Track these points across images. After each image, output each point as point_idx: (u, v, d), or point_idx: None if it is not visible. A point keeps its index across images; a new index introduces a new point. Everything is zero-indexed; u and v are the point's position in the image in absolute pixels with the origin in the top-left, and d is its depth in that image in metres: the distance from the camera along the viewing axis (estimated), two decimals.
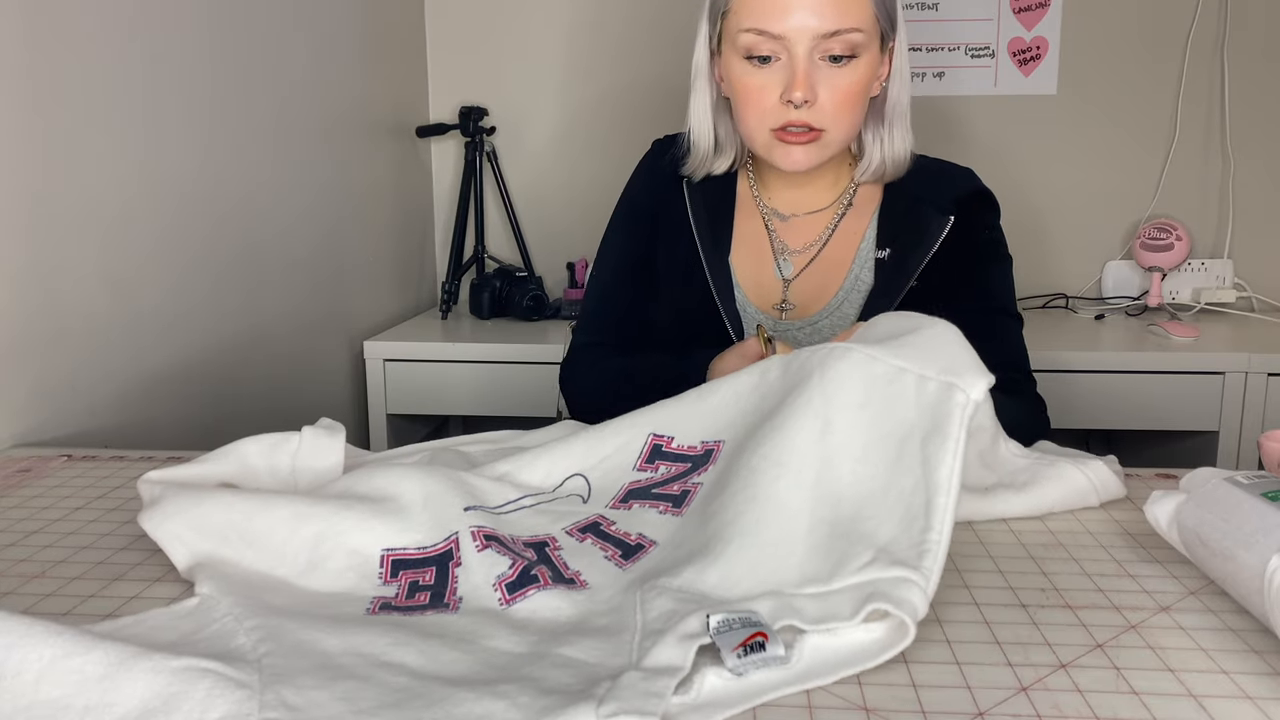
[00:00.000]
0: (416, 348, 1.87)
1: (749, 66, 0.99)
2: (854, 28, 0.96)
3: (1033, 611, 0.61)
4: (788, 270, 1.11)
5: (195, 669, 0.51)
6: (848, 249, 1.10)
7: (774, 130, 1.00)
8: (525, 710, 0.49)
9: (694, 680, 0.51)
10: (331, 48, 1.77)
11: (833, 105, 0.99)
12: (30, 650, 0.49)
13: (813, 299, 1.10)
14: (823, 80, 0.98)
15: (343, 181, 1.82)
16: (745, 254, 1.12)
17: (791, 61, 0.97)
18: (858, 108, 1.01)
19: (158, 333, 1.27)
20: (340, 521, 0.66)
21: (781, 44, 0.97)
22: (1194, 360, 1.73)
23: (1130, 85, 2.11)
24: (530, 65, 2.23)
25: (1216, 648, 0.56)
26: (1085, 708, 0.50)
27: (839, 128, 1.00)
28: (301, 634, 0.57)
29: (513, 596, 0.61)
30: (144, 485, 0.73)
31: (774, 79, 0.98)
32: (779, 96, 0.98)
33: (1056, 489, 0.76)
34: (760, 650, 0.52)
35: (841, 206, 1.11)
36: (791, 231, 1.12)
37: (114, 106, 1.19)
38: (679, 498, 0.71)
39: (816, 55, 0.97)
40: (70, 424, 1.12)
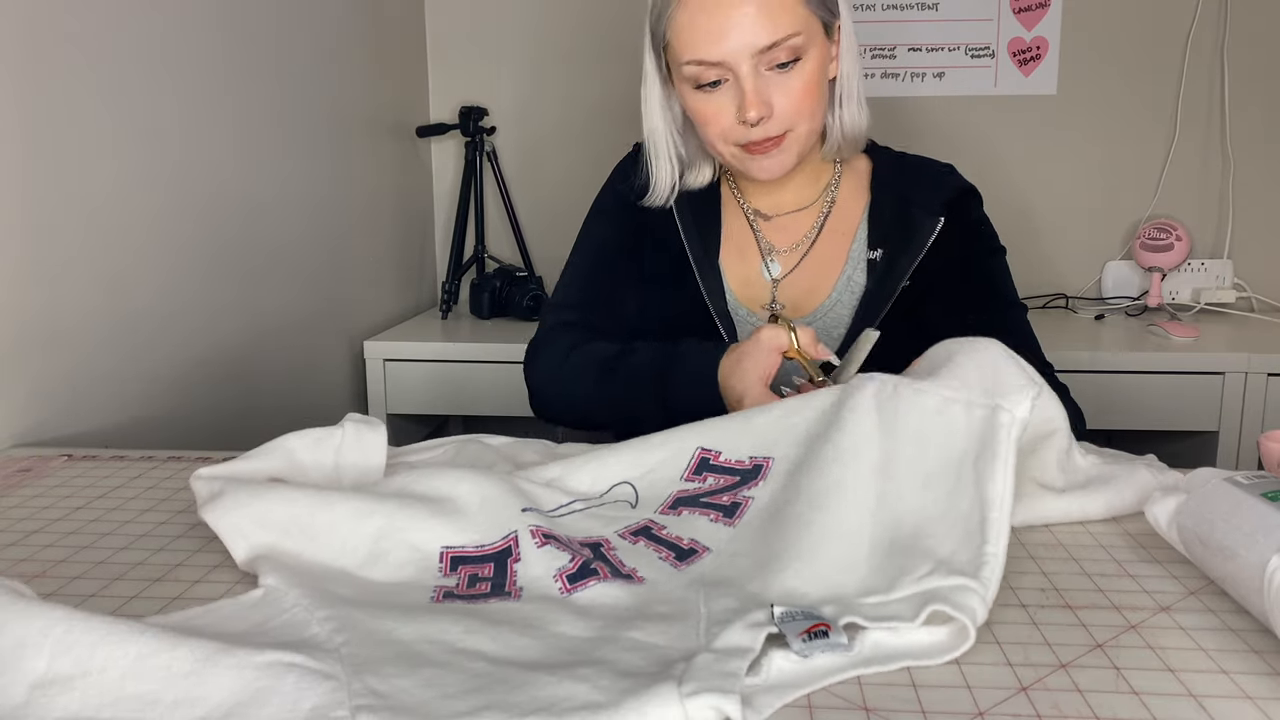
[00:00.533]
0: (416, 348, 1.87)
1: (699, 94, 1.00)
2: (790, 34, 0.96)
3: (1033, 611, 0.61)
4: (775, 270, 1.11)
5: (280, 663, 0.51)
6: (838, 249, 1.10)
7: (739, 146, 1.01)
8: (606, 692, 0.49)
9: (762, 663, 0.53)
10: (332, 48, 1.77)
11: (791, 107, 0.99)
12: (115, 647, 0.50)
13: (803, 299, 1.09)
14: (775, 89, 0.98)
15: (343, 181, 1.82)
16: (732, 254, 1.12)
17: (738, 81, 0.97)
18: (815, 100, 1.01)
19: (158, 333, 1.27)
20: (401, 518, 0.68)
21: (724, 68, 0.97)
22: (1194, 360, 1.73)
23: (1130, 85, 2.11)
24: (530, 65, 2.23)
25: (1216, 648, 0.56)
26: (1085, 708, 0.50)
27: (803, 124, 1.01)
28: (373, 623, 0.57)
29: (573, 586, 0.63)
30: (198, 482, 0.74)
31: (727, 101, 0.99)
32: (734, 117, 0.99)
33: (1132, 491, 0.75)
34: (824, 637, 0.54)
35: (826, 204, 1.11)
36: (776, 231, 1.12)
37: (114, 106, 1.19)
38: (730, 508, 0.72)
39: (762, 68, 0.97)
40: (70, 424, 1.12)
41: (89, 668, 0.49)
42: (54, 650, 0.49)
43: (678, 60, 1.00)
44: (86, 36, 1.14)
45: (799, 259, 1.10)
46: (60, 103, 1.10)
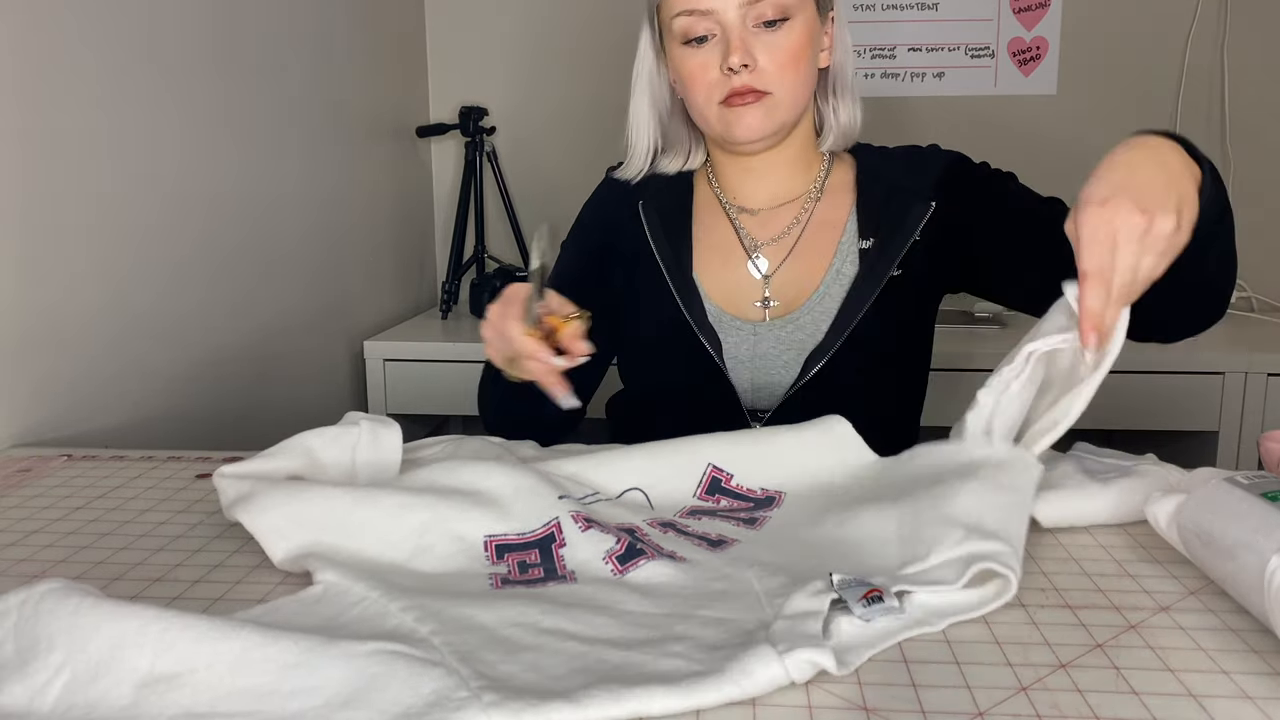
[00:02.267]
0: (416, 348, 1.87)
1: (688, 50, 1.01)
2: None
3: (1033, 611, 0.61)
4: (764, 266, 1.09)
5: (385, 651, 0.51)
6: (827, 241, 1.08)
7: (721, 102, 1.01)
8: (703, 662, 0.52)
9: (830, 629, 0.56)
10: (332, 48, 1.77)
11: (775, 67, 1.00)
12: (218, 643, 0.50)
13: (795, 293, 1.08)
14: (760, 45, 0.99)
15: (343, 181, 1.82)
16: (712, 261, 1.10)
17: (725, 33, 0.99)
18: (801, 69, 1.01)
19: (158, 333, 1.27)
20: (442, 509, 0.69)
21: (713, 19, 0.99)
22: (1194, 360, 1.73)
23: (1130, 85, 2.11)
24: (530, 65, 2.23)
25: (1216, 648, 0.56)
26: (1085, 708, 0.50)
27: (785, 87, 1.01)
28: (453, 611, 0.58)
29: (625, 567, 0.64)
30: (223, 481, 0.74)
31: (713, 55, 1.00)
32: (719, 69, 1.00)
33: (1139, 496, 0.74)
34: (879, 602, 0.57)
35: (814, 194, 1.10)
36: (761, 225, 1.10)
37: (114, 107, 1.19)
38: (749, 520, 0.74)
39: (750, 23, 0.99)
40: (70, 424, 1.12)
41: (195, 664, 0.50)
42: (155, 649, 0.50)
43: (669, 16, 1.01)
44: (87, 37, 1.14)
45: (786, 252, 1.09)
46: (60, 103, 1.10)
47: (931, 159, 1.10)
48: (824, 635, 0.55)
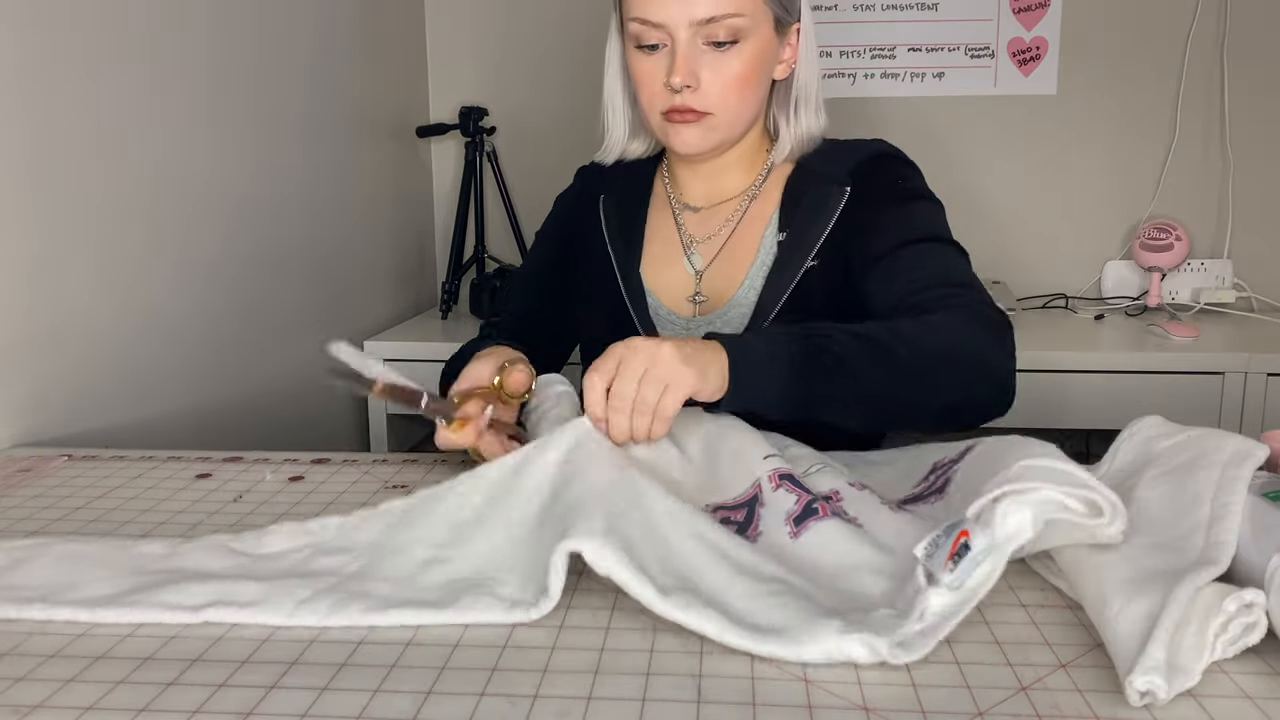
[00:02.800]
0: (416, 348, 1.87)
1: (640, 55, 1.01)
2: (732, 13, 0.97)
3: (1032, 611, 0.61)
4: (698, 262, 1.10)
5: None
6: (753, 234, 1.08)
7: (663, 113, 1.02)
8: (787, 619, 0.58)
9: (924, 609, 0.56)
10: (331, 48, 1.77)
11: (718, 89, 0.99)
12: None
13: (723, 288, 1.08)
14: (706, 65, 0.99)
15: (343, 181, 1.82)
16: (656, 253, 1.12)
17: (674, 47, 0.99)
18: (747, 91, 1.01)
19: (158, 333, 1.27)
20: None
21: (664, 31, 0.98)
22: (1194, 360, 1.73)
23: (1130, 85, 2.11)
24: (530, 65, 2.23)
25: None
26: (1085, 708, 0.50)
27: (726, 110, 1.01)
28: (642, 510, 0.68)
29: (798, 530, 0.69)
30: None
31: (660, 65, 1.00)
32: (663, 82, 1.00)
33: None
34: (967, 551, 0.57)
35: (751, 193, 1.10)
36: (700, 223, 1.11)
37: (114, 107, 1.19)
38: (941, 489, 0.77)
39: (700, 40, 0.98)
40: (70, 424, 1.12)
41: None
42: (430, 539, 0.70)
43: (626, 16, 1.02)
44: (87, 37, 1.14)
45: (718, 248, 1.10)
46: (60, 104, 1.10)
47: (862, 147, 1.08)
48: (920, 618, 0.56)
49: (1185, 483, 0.64)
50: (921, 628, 0.55)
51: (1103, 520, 0.58)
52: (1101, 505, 0.58)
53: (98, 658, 0.57)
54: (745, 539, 0.69)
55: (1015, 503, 0.58)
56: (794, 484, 0.73)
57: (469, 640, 0.58)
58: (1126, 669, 0.50)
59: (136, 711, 0.51)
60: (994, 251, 2.10)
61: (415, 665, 0.56)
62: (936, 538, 0.58)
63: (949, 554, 0.57)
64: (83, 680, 0.54)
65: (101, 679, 0.54)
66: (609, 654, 0.57)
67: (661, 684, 0.53)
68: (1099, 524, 0.59)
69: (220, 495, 0.85)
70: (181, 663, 0.56)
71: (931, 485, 0.77)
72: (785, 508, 0.71)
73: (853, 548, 0.66)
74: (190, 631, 0.60)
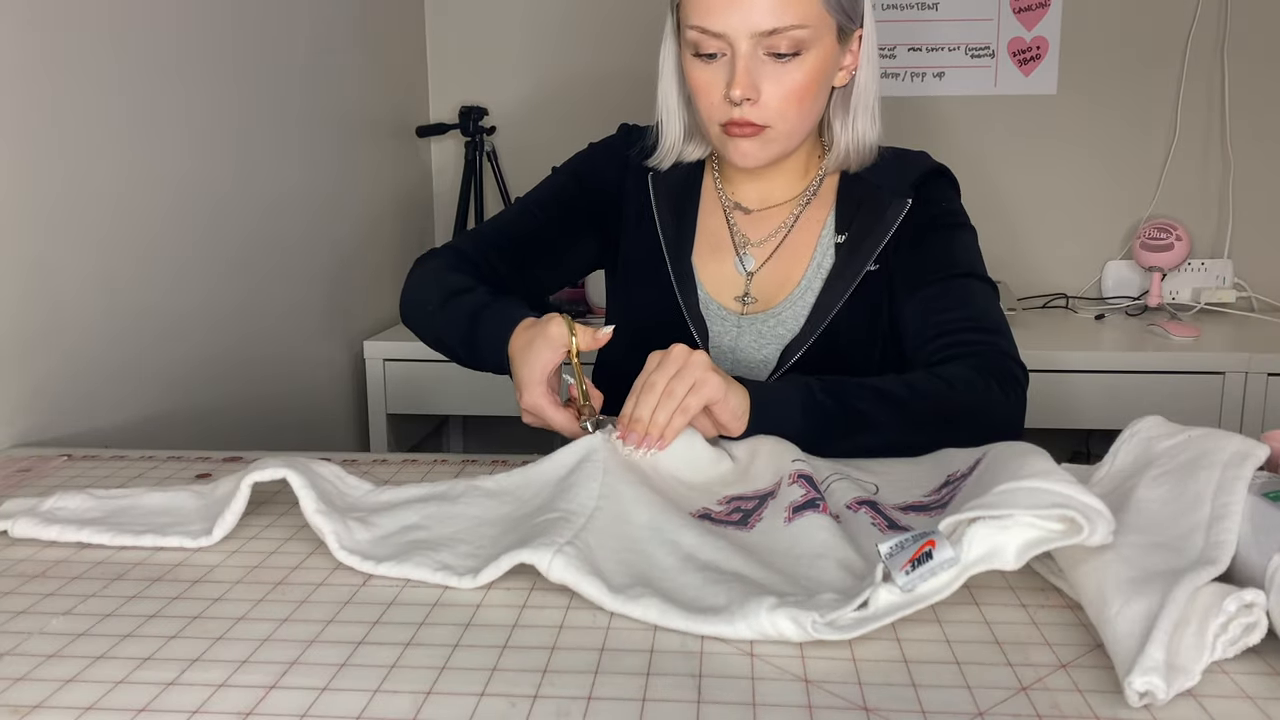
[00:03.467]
0: (417, 348, 1.86)
1: (697, 62, 1.00)
2: (796, 24, 0.95)
3: (1033, 611, 0.61)
4: (749, 264, 1.10)
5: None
6: (809, 237, 1.09)
7: (721, 125, 1.00)
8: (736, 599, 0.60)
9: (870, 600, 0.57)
10: (331, 48, 1.77)
11: (778, 101, 0.98)
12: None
13: (775, 290, 1.09)
14: (767, 77, 0.97)
15: (343, 181, 1.82)
16: (706, 250, 1.12)
17: (734, 58, 0.97)
18: (806, 102, 1.00)
19: (158, 333, 1.27)
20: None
21: (724, 41, 0.97)
22: (1194, 360, 1.73)
23: (1130, 85, 2.11)
24: (530, 65, 2.23)
25: None
26: (1085, 708, 0.50)
27: (785, 123, 1.00)
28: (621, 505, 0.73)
29: (794, 516, 0.72)
30: None
31: (719, 75, 0.98)
32: (722, 93, 0.98)
33: None
34: (928, 560, 0.57)
35: (805, 198, 1.11)
36: (753, 225, 1.11)
37: (114, 107, 1.19)
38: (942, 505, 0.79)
39: (761, 52, 0.96)
40: (70, 424, 1.12)
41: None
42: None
43: (685, 23, 0.99)
44: (87, 36, 1.14)
45: (772, 250, 1.10)
46: (61, 103, 1.10)
47: (917, 161, 1.10)
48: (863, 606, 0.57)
49: (1185, 483, 0.64)
50: (858, 615, 0.57)
51: (1083, 535, 0.58)
52: (1079, 522, 0.58)
53: (98, 657, 0.57)
54: (739, 529, 0.72)
55: (989, 526, 0.58)
56: (809, 484, 0.76)
57: (469, 640, 0.58)
58: (1125, 669, 0.50)
59: (136, 711, 0.51)
60: (994, 251, 2.09)
61: (415, 665, 0.56)
62: (903, 540, 0.59)
63: (910, 558, 0.57)
64: (82, 680, 0.54)
65: (101, 678, 0.54)
66: (609, 654, 0.57)
67: (661, 684, 0.53)
68: (1080, 539, 0.58)
69: None
70: (182, 662, 0.56)
71: (940, 499, 0.78)
72: (791, 498, 0.74)
73: (832, 542, 0.68)
74: (191, 631, 0.60)
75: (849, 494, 0.78)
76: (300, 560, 0.70)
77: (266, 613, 0.62)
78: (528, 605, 0.63)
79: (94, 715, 0.51)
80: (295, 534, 0.75)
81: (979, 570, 0.58)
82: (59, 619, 0.62)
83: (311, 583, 0.67)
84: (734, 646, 0.57)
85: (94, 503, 0.78)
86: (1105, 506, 0.59)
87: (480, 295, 1.02)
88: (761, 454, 0.84)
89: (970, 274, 1.06)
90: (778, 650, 0.57)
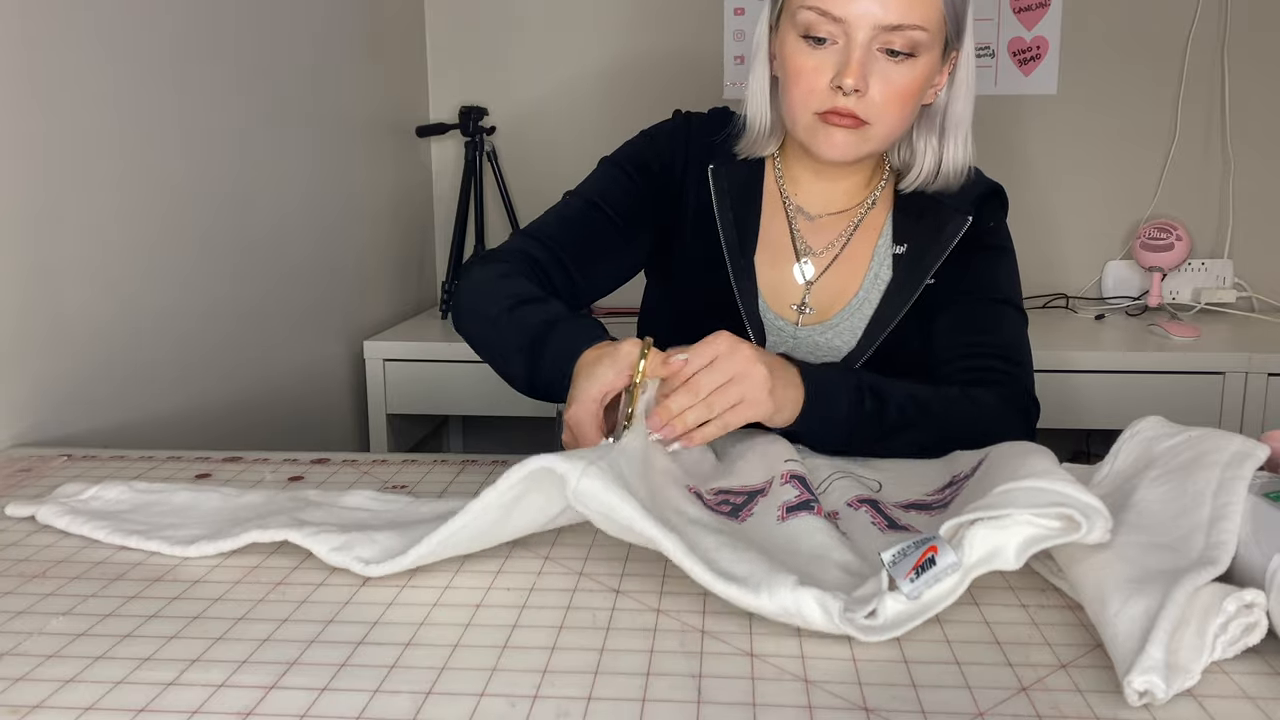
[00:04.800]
0: (416, 348, 1.87)
1: (804, 45, 0.96)
2: (918, 25, 0.93)
3: (1033, 612, 0.61)
4: (809, 272, 1.08)
5: None
6: (865, 247, 1.08)
7: (818, 113, 0.97)
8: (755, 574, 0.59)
9: (879, 609, 0.57)
10: (331, 47, 1.77)
11: (883, 99, 0.95)
12: None
13: (832, 300, 1.08)
14: (877, 72, 0.95)
15: (343, 181, 1.82)
16: (766, 254, 1.09)
17: (849, 47, 0.94)
18: (908, 107, 0.98)
19: (157, 333, 1.27)
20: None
21: (841, 28, 0.94)
22: (1194, 360, 1.73)
23: (1130, 85, 2.11)
24: (530, 65, 2.23)
25: None
26: (1085, 708, 0.50)
27: (885, 123, 0.97)
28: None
29: (787, 515, 0.71)
30: None
31: (828, 61, 0.95)
32: (829, 80, 0.95)
33: None
34: (931, 566, 0.57)
35: (865, 207, 1.09)
36: (815, 232, 1.09)
37: (114, 107, 1.19)
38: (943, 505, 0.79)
39: (875, 46, 0.94)
40: (70, 424, 1.12)
41: None
42: None
43: (798, 3, 0.95)
44: (86, 36, 1.14)
45: (831, 260, 1.08)
46: (61, 103, 1.10)
47: (978, 177, 1.08)
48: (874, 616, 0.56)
49: (1185, 483, 0.64)
50: (871, 624, 0.56)
51: (1080, 532, 0.58)
52: (1077, 519, 0.58)
53: (97, 657, 0.57)
54: (731, 519, 0.72)
55: (989, 527, 0.59)
56: (802, 485, 0.75)
57: (469, 640, 0.58)
58: (1125, 669, 0.50)
59: (136, 711, 0.51)
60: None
61: (415, 665, 0.56)
62: (905, 547, 0.59)
63: (914, 564, 0.57)
64: (82, 680, 0.54)
65: (101, 679, 0.54)
66: (609, 654, 0.57)
67: (661, 684, 0.53)
68: (1078, 537, 0.58)
69: None
70: (181, 663, 0.56)
71: (943, 499, 0.78)
72: (784, 498, 0.73)
73: (830, 544, 0.67)
74: (190, 631, 0.60)
75: (850, 492, 0.78)
76: (300, 560, 0.70)
77: (266, 613, 0.62)
78: (528, 605, 0.63)
79: (94, 715, 0.51)
80: None
81: (982, 572, 0.58)
82: (59, 619, 0.62)
83: (311, 583, 0.67)
84: (734, 646, 0.57)
85: (128, 495, 0.80)
86: (1102, 504, 0.59)
87: (555, 306, 0.95)
88: (754, 450, 0.83)
89: (1008, 301, 1.07)
90: (778, 650, 0.57)
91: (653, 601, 0.63)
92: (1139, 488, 0.67)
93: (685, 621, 0.60)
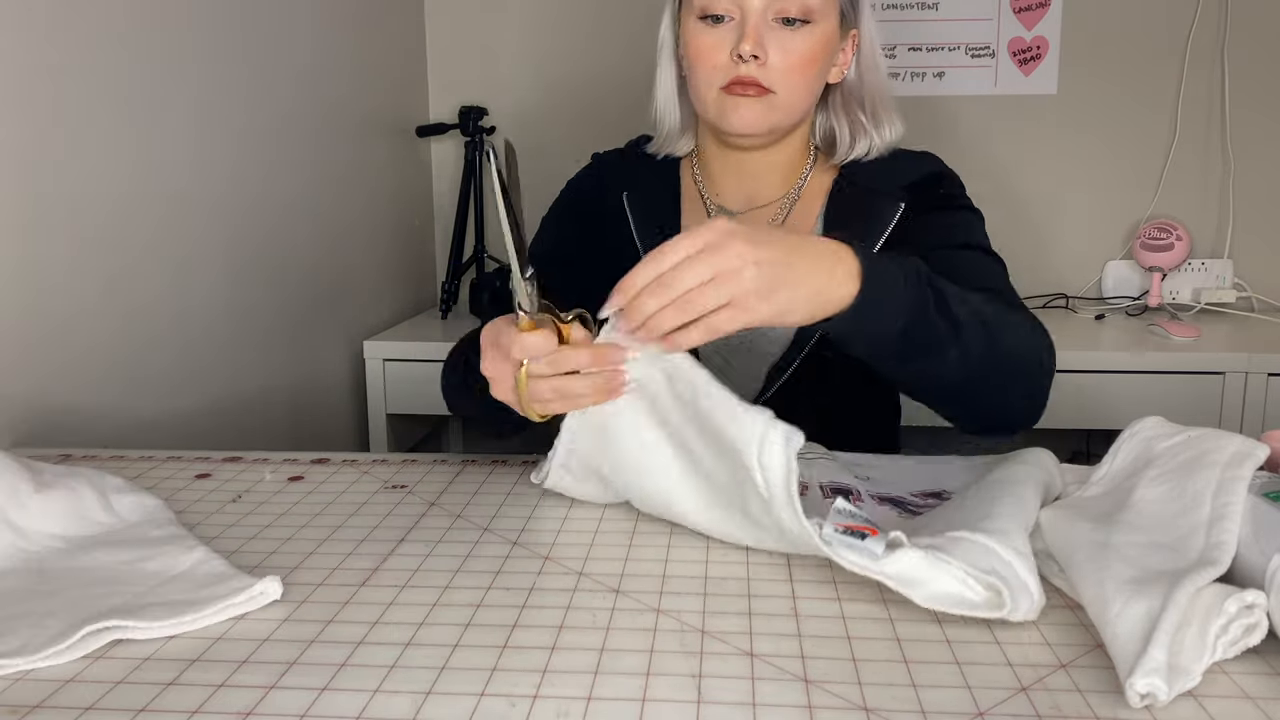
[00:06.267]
0: (416, 348, 1.87)
1: (703, 26, 1.00)
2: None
3: None
4: None
5: None
6: None
7: (723, 88, 1.00)
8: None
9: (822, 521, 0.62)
10: (331, 48, 1.77)
11: (784, 66, 0.98)
12: None
13: None
14: (774, 41, 0.98)
15: (343, 181, 1.82)
16: None
17: (744, 20, 0.98)
18: (809, 75, 1.00)
19: (158, 332, 1.27)
20: None
21: (736, 3, 0.98)
22: (1194, 360, 1.73)
23: (1130, 85, 2.11)
24: (530, 65, 2.23)
25: None
26: (1085, 708, 0.50)
27: (788, 90, 0.99)
28: None
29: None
30: None
31: (726, 37, 0.99)
32: (730, 53, 0.98)
33: None
34: (859, 540, 0.61)
35: (789, 200, 1.09)
36: None
37: (114, 107, 1.19)
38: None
39: (770, 16, 0.97)
40: (70, 424, 1.12)
41: None
42: None
43: None
44: (87, 37, 1.14)
45: None
46: (61, 103, 1.10)
47: (915, 164, 1.08)
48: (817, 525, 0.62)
49: (1185, 483, 0.64)
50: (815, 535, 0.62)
51: (1004, 610, 0.57)
52: (1003, 595, 0.57)
53: (97, 658, 0.57)
54: None
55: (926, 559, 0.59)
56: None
57: (469, 640, 0.58)
58: (1127, 670, 0.50)
59: (136, 711, 0.51)
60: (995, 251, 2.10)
61: (415, 665, 0.56)
62: (856, 513, 0.63)
63: (848, 525, 0.62)
64: (82, 680, 0.54)
65: (101, 679, 0.54)
66: (609, 654, 0.57)
67: (661, 684, 0.53)
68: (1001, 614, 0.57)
69: (219, 495, 0.85)
70: (181, 663, 0.56)
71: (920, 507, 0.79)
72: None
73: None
74: (190, 631, 0.60)
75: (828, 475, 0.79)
76: (300, 560, 0.70)
77: (266, 613, 0.62)
78: (528, 605, 0.63)
79: (93, 715, 0.51)
80: (295, 534, 0.75)
81: (888, 584, 0.60)
82: None
83: (311, 583, 0.67)
84: (734, 646, 0.57)
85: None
86: (1039, 587, 0.59)
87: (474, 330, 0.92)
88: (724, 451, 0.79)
89: (973, 246, 1.01)
90: (778, 650, 0.57)
91: (653, 601, 0.63)
92: (1138, 487, 0.67)
93: (685, 621, 0.60)
